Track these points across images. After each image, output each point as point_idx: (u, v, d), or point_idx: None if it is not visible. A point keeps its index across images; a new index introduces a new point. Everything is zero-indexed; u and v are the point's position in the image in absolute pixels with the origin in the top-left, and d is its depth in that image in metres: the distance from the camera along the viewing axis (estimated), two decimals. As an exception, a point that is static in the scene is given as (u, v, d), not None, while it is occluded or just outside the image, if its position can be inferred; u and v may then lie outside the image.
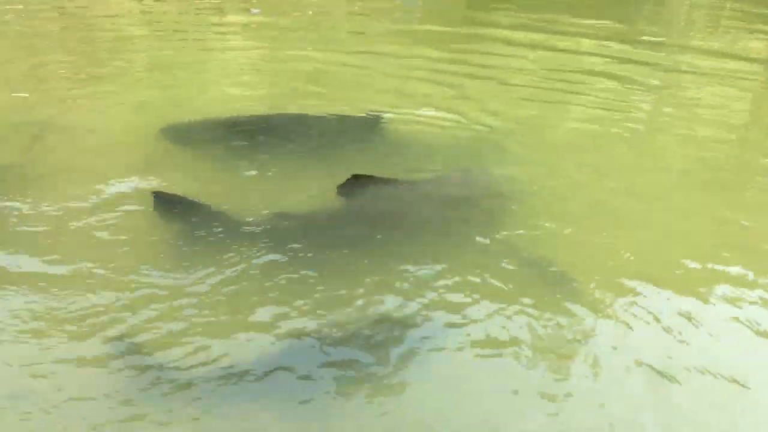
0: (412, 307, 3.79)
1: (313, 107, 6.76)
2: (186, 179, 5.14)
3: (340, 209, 4.65)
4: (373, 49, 9.79)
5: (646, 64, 9.49)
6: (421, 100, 7.34)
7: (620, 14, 13.54)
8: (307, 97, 7.33)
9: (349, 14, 13.42)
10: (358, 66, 8.80)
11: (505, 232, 4.58)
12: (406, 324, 3.65)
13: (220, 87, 7.86)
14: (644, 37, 11.53)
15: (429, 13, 13.91)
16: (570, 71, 8.87)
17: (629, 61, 9.55)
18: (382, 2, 15.12)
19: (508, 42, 10.49)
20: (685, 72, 9.31)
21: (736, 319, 3.88)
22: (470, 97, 7.58)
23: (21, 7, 12.45)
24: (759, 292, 4.11)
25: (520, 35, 10.98)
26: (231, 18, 12.48)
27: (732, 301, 4.02)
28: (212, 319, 3.66)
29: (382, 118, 6.47)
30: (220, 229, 4.37)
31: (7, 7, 12.27)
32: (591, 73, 8.88)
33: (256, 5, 14.03)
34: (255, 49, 9.99)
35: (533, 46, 10.22)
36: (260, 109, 6.68)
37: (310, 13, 13.59)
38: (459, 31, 12.20)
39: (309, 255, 4.19)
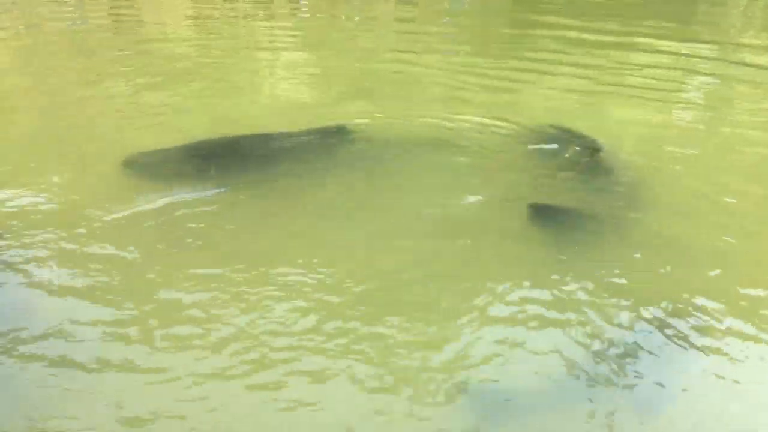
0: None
1: (366, 114, 6.64)
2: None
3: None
4: (423, 52, 9.69)
5: (706, 59, 9.25)
6: (477, 105, 7.16)
7: (674, 13, 13.16)
8: (363, 100, 7.24)
9: (397, 20, 13.43)
10: (404, 71, 8.68)
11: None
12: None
13: (270, 93, 7.84)
14: (701, 36, 11.23)
15: (475, 16, 13.74)
16: (625, 70, 8.64)
17: (689, 57, 9.30)
18: (430, 6, 15.16)
19: (558, 42, 10.27)
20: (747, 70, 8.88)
21: None
22: (521, 101, 7.42)
23: (77, 14, 12.88)
24: None
25: (571, 34, 10.77)
26: (280, 23, 12.56)
27: None
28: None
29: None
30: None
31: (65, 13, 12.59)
32: (646, 70, 8.60)
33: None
34: (305, 53, 9.98)
35: (583, 47, 9.98)
36: (309, 117, 6.47)
37: (357, 19, 13.73)
38: (507, 33, 12.12)
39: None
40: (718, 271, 4.10)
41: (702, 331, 3.53)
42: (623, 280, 3.97)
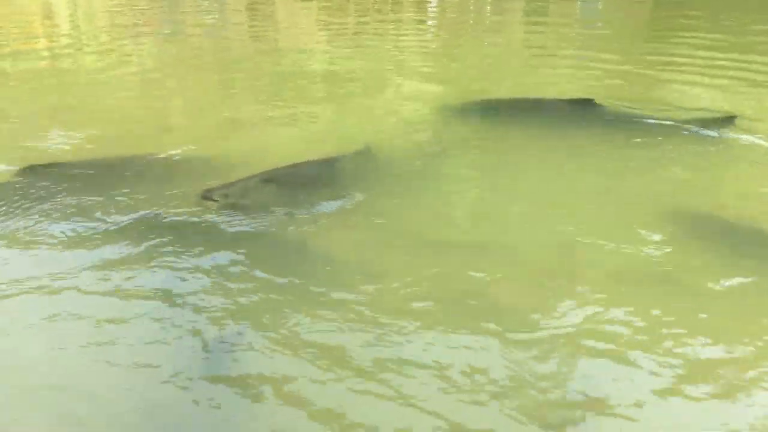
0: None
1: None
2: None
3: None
4: (553, 55, 9.40)
5: None
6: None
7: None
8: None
9: (527, 23, 13.02)
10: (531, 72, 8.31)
11: None
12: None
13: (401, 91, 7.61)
14: None
15: (609, 21, 13.29)
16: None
17: None
18: (560, 8, 14.83)
19: (701, 47, 9.45)
20: None
21: None
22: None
23: (214, 19, 13.49)
24: None
25: (718, 38, 10.12)
26: (408, 27, 12.54)
27: None
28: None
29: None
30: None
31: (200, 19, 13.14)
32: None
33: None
34: (433, 58, 9.86)
35: (733, 50, 9.17)
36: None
37: (488, 22, 13.66)
38: (645, 37, 11.58)
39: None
40: None
41: None
42: None
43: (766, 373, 2.71)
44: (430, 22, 14.07)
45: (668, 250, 3.62)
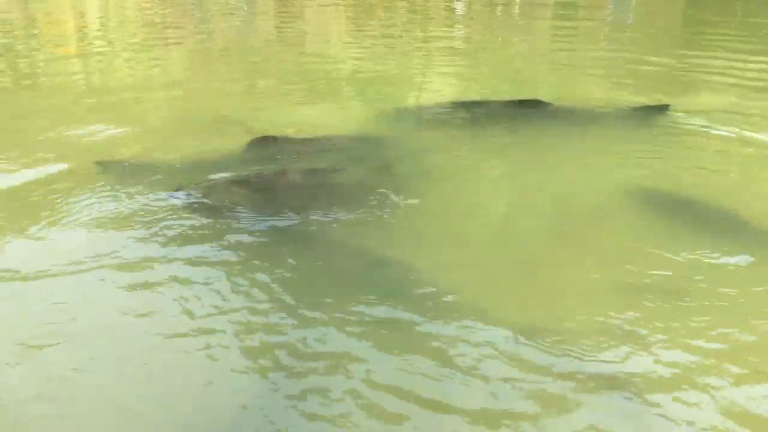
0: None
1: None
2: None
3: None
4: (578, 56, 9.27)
5: None
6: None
7: None
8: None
9: (555, 26, 12.93)
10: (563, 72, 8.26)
11: None
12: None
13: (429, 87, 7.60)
14: None
15: (641, 22, 13.12)
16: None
17: None
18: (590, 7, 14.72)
19: (732, 50, 9.33)
20: None
21: None
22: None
23: (238, 23, 13.63)
24: None
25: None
26: (436, 32, 12.50)
27: None
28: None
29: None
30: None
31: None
32: None
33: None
34: (457, 60, 9.84)
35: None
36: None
37: (515, 24, 13.57)
38: (677, 38, 11.45)
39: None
40: None
41: None
42: None
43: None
44: (456, 25, 14.04)
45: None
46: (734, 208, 4.07)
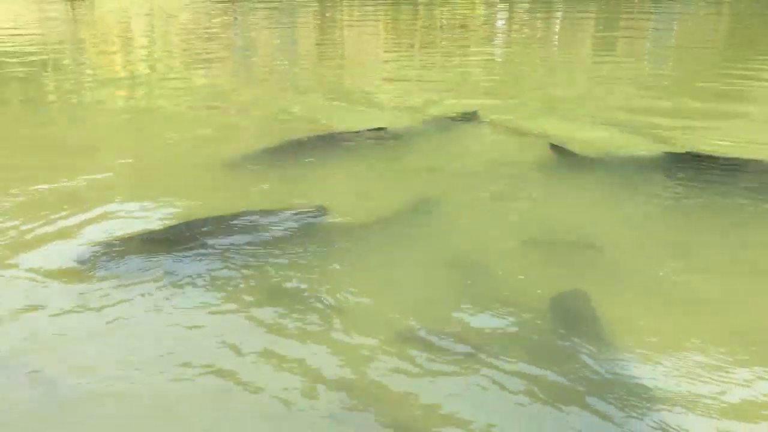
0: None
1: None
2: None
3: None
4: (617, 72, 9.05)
5: None
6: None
7: None
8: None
9: (596, 43, 12.77)
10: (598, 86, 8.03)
11: None
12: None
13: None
14: None
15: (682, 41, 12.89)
16: None
17: None
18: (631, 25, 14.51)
19: None
20: None
21: None
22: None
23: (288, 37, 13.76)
24: None
25: None
26: (474, 46, 12.42)
27: None
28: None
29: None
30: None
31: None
32: None
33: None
34: (495, 76, 9.80)
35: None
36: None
37: (555, 40, 13.44)
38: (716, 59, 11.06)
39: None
40: None
41: None
42: None
43: None
44: (496, 41, 14.02)
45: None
46: None
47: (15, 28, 14.92)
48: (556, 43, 13.54)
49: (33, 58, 10.71)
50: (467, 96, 7.76)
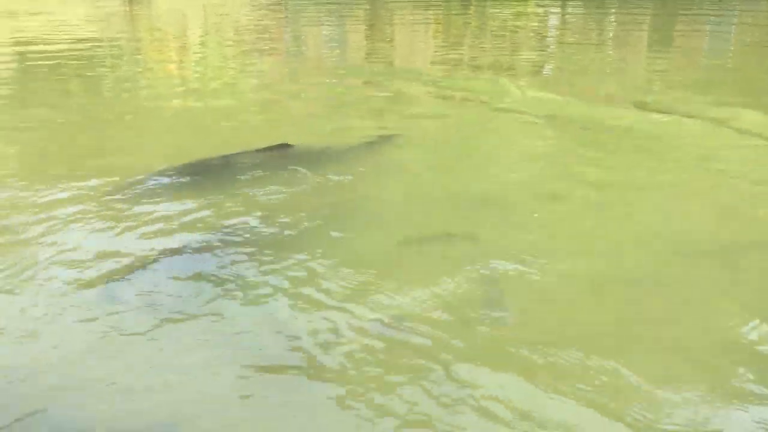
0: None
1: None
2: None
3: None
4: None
5: None
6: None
7: None
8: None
9: (650, 51, 12.61)
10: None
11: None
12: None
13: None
14: None
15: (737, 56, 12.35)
16: None
17: None
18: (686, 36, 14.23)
19: None
20: None
21: None
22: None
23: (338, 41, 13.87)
24: None
25: None
26: (524, 46, 12.23)
27: None
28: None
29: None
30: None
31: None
32: None
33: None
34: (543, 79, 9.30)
35: None
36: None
37: (609, 45, 13.15)
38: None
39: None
40: None
41: None
42: None
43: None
44: (548, 41, 13.82)
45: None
46: None
47: (76, 25, 15.43)
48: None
49: (95, 52, 11.25)
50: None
